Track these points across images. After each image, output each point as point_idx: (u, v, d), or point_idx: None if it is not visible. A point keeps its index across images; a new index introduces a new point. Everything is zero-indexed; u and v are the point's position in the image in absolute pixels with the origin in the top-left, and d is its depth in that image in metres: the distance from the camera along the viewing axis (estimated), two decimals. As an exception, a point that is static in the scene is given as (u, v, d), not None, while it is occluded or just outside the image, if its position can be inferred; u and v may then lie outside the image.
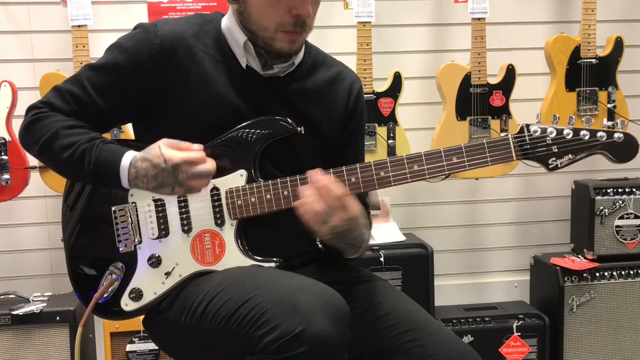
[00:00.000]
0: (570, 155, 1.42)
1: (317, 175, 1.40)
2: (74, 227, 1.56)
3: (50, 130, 1.46)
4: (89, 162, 1.43)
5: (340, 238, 1.44)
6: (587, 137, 1.42)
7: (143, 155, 1.43)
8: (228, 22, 1.53)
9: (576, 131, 1.42)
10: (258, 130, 1.49)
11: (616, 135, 1.42)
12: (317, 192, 1.38)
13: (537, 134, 1.42)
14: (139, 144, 1.53)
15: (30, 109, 1.52)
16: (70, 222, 1.57)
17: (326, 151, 1.60)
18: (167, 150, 1.41)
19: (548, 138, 1.42)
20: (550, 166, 1.43)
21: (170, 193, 1.45)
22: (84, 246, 1.55)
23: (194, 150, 1.43)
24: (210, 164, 1.44)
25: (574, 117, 1.46)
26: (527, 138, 1.42)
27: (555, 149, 1.42)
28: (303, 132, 1.50)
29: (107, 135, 2.46)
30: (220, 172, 1.49)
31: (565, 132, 1.42)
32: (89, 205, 1.55)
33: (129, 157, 1.44)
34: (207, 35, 1.52)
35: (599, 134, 1.42)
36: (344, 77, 1.64)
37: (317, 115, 1.57)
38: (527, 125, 1.43)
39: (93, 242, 1.55)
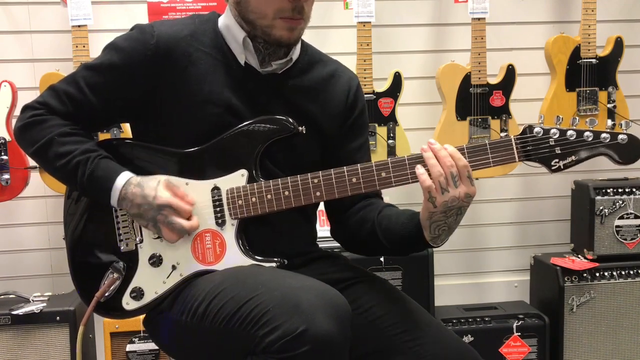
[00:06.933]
0: (573, 157, 1.39)
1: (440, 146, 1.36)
2: (75, 225, 1.56)
3: (45, 136, 1.47)
4: (83, 174, 1.45)
5: (448, 217, 1.38)
6: (590, 139, 1.39)
7: (139, 182, 1.45)
8: (225, 20, 1.54)
9: (579, 132, 1.39)
10: (259, 130, 1.48)
11: (620, 136, 1.39)
12: (449, 156, 1.34)
13: (540, 135, 1.39)
14: (136, 143, 1.55)
15: (26, 108, 1.52)
16: (72, 221, 1.57)
17: (328, 150, 1.60)
18: (162, 188, 1.44)
19: (551, 139, 1.39)
20: (553, 167, 1.40)
21: (144, 226, 1.48)
22: (85, 245, 1.55)
23: (185, 202, 1.45)
24: (189, 223, 1.45)
25: (577, 118, 1.43)
26: (529, 139, 1.39)
27: (558, 150, 1.39)
28: (304, 132, 1.50)
29: (107, 135, 2.48)
30: (222, 171, 1.49)
31: (568, 133, 1.39)
32: (90, 205, 1.55)
33: (124, 177, 1.46)
34: (204, 34, 1.52)
35: (603, 135, 1.38)
36: (341, 74, 1.64)
37: (316, 112, 1.57)
38: (530, 126, 1.40)
39: (95, 240, 1.54)
